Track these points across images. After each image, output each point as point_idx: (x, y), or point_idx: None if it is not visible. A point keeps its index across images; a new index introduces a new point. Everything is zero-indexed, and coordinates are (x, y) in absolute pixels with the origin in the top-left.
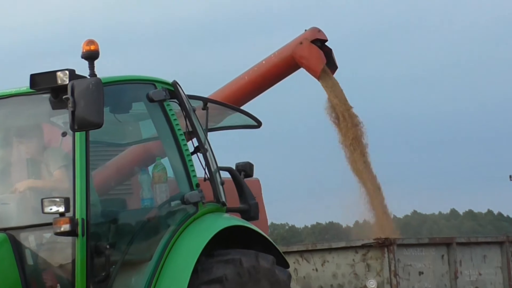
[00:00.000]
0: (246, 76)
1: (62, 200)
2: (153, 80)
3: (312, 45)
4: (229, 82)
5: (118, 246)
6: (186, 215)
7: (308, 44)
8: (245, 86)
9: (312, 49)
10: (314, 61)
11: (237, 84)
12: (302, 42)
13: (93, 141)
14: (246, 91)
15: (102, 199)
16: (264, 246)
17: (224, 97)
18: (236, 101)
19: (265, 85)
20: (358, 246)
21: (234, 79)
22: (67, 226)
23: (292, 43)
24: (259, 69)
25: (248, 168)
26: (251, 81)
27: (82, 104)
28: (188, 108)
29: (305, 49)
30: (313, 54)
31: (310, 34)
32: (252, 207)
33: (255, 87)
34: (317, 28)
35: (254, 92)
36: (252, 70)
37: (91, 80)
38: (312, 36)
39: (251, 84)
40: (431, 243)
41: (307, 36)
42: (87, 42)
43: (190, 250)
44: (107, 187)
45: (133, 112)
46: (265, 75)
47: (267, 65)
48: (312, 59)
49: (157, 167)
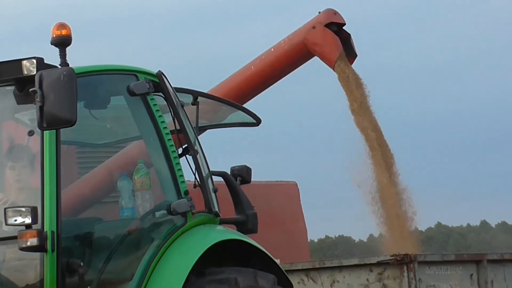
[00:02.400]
0: (252, 66)
1: (29, 209)
2: (135, 71)
3: (327, 30)
4: (233, 73)
5: (93, 263)
6: (173, 227)
7: (322, 29)
8: (251, 77)
9: (326, 34)
10: (329, 48)
11: (242, 75)
12: (315, 26)
13: (65, 141)
14: (252, 83)
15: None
16: (264, 264)
17: (228, 89)
18: (242, 95)
19: (274, 76)
20: (373, 263)
21: (239, 69)
22: (34, 240)
23: (304, 27)
24: (267, 58)
25: (245, 173)
26: (258, 72)
27: (52, 98)
28: (176, 102)
29: (319, 34)
30: (328, 40)
31: (324, 17)
32: (250, 218)
33: (263, 78)
34: (333, 10)
35: (262, 84)
36: (259, 59)
37: (63, 70)
38: (327, 19)
39: (259, 75)
40: (458, 260)
41: (321, 19)
42: (58, 26)
43: (177, 268)
44: (83, 206)
45: (111, 107)
46: (274, 65)
47: (276, 53)
48: (326, 45)
49: (139, 172)
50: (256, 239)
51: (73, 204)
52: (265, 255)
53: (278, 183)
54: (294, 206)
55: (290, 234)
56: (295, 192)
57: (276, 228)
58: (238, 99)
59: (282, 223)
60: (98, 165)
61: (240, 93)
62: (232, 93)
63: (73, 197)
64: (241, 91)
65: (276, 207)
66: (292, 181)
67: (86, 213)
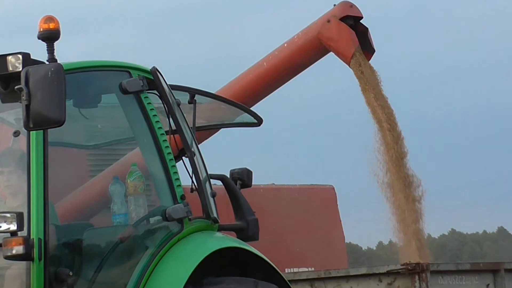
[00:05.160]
0: (265, 62)
1: (14, 215)
2: (128, 67)
3: (342, 24)
4: (244, 70)
5: (83, 272)
6: (169, 234)
7: (336, 23)
8: (264, 74)
9: (341, 28)
10: (344, 44)
11: (254, 73)
12: (329, 20)
13: (53, 142)
14: (265, 80)
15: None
16: (265, 273)
17: (239, 88)
18: (254, 93)
19: (288, 73)
20: (382, 273)
21: (251, 67)
22: (20, 248)
23: (318, 21)
24: (280, 54)
25: (246, 176)
26: (271, 68)
27: (39, 96)
28: (171, 101)
29: (333, 28)
30: (343, 35)
31: (340, 10)
32: (251, 225)
33: (276, 75)
34: (349, 3)
35: (275, 81)
36: (272, 55)
37: (50, 66)
38: (342, 13)
39: (271, 72)
40: (473, 269)
41: (336, 13)
42: (45, 19)
43: (173, 278)
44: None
45: (102, 106)
46: (287, 61)
47: (289, 49)
48: (341, 40)
49: (132, 175)
50: (290, 246)
51: (74, 213)
52: (266, 264)
53: (313, 187)
54: (331, 211)
55: (327, 241)
56: (332, 196)
57: (311, 235)
58: (250, 98)
59: (318, 229)
60: (89, 168)
61: (252, 91)
62: (244, 92)
63: (74, 206)
64: (253, 89)
65: (312, 212)
66: (329, 185)
67: (76, 219)
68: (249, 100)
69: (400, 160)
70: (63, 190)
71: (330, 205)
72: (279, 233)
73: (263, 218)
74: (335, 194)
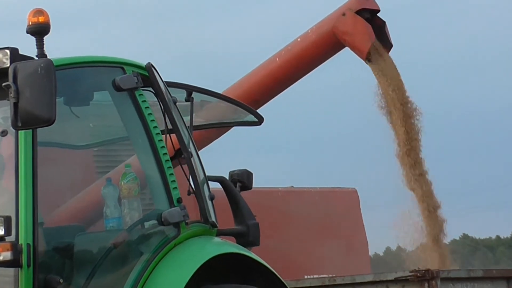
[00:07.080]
0: (277, 58)
1: (1, 219)
2: (121, 63)
3: (358, 17)
4: (256, 66)
5: (75, 280)
6: (165, 239)
7: (352, 16)
8: (276, 70)
9: (357, 22)
10: (360, 38)
11: (266, 69)
12: (345, 13)
13: (42, 142)
14: (278, 76)
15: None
16: (266, 280)
17: (251, 85)
18: (267, 90)
19: (301, 69)
20: (390, 280)
21: (262, 63)
22: (8, 254)
23: (333, 14)
24: (293, 49)
25: (246, 178)
26: (284, 64)
27: (27, 94)
28: (167, 99)
29: (349, 22)
30: (359, 29)
31: (356, 2)
32: (251, 230)
33: (289, 71)
34: None
35: (288, 78)
36: (285, 50)
37: (40, 62)
38: (358, 5)
39: (284, 68)
40: (486, 276)
41: (351, 6)
42: (34, 12)
43: (169, 286)
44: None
45: (94, 104)
46: (301, 56)
47: (303, 44)
48: (357, 35)
49: (126, 177)
50: (310, 252)
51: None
52: (268, 270)
53: (335, 189)
54: (353, 216)
55: (350, 246)
56: (355, 199)
57: (333, 240)
58: (262, 95)
59: (340, 234)
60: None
61: (264, 88)
62: (256, 89)
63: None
64: (265, 86)
65: (333, 216)
66: (352, 188)
67: (67, 223)
68: (262, 98)
69: (424, 176)
70: (54, 193)
71: (353, 209)
72: (299, 238)
73: (282, 222)
74: (357, 198)
